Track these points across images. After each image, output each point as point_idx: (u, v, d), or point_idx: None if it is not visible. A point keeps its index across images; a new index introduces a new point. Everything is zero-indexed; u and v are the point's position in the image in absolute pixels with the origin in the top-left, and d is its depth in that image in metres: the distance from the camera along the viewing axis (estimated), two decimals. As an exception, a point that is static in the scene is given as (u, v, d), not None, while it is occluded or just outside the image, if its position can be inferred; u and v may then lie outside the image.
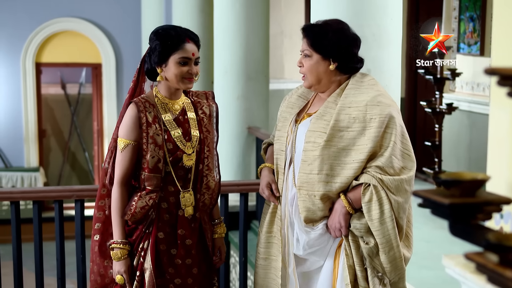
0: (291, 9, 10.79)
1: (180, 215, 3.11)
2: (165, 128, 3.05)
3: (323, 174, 2.90)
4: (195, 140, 3.12)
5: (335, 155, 2.89)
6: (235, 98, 7.17)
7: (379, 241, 2.88)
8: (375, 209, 2.86)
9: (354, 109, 2.90)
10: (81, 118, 13.27)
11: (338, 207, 2.94)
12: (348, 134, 2.89)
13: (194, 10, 9.06)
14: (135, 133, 3.01)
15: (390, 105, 2.92)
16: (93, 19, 12.06)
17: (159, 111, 3.05)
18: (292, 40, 10.78)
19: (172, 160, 3.05)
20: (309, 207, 2.95)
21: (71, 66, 12.73)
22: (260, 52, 7.25)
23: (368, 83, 2.99)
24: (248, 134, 7.23)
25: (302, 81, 3.08)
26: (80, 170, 13.28)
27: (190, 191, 3.12)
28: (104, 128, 12.31)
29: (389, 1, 3.95)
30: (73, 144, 13.24)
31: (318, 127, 2.95)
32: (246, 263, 4.31)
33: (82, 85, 13.23)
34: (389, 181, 2.85)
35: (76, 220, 4.01)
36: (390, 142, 2.87)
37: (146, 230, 3.07)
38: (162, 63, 3.03)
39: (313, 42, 2.97)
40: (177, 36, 3.02)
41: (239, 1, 7.13)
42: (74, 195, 4.00)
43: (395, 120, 2.90)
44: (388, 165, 2.86)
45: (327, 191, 2.91)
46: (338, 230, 2.94)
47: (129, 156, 3.03)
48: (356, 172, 2.88)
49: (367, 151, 2.85)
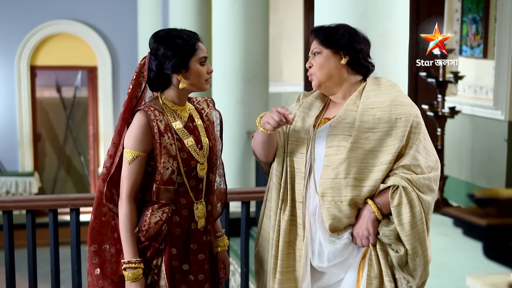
0: (290, 12, 10.72)
1: (193, 228, 2.95)
2: (177, 137, 2.88)
3: (350, 178, 2.76)
4: (206, 148, 2.97)
5: (362, 158, 2.77)
6: (234, 102, 7.07)
7: (409, 247, 2.75)
8: (405, 212, 2.73)
9: (378, 109, 2.80)
10: (77, 122, 13.16)
11: (365, 213, 2.79)
12: (374, 135, 2.78)
13: (192, 12, 8.98)
14: (145, 143, 2.83)
15: (412, 105, 2.85)
16: (88, 21, 11.98)
17: (169, 119, 2.89)
18: (291, 43, 10.72)
19: (186, 171, 2.89)
20: (335, 214, 2.79)
21: (67, 69, 12.63)
22: (260, 55, 7.16)
23: (385, 84, 2.91)
24: (247, 139, 7.14)
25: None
26: (76, 175, 13.16)
27: (202, 202, 2.97)
28: (100, 132, 12.23)
29: (396, 3, 3.86)
30: (68, 148, 13.11)
31: (340, 130, 2.83)
32: (248, 274, 4.18)
33: (78, 88, 13.10)
34: (419, 180, 2.74)
35: (72, 230, 3.87)
36: (416, 141, 2.79)
37: (160, 246, 2.90)
38: (182, 68, 2.86)
39: (324, 39, 2.89)
40: (190, 38, 2.88)
41: (237, 3, 7.03)
42: (69, 203, 3.87)
43: (420, 120, 2.84)
44: (414, 163, 2.76)
45: (356, 195, 2.77)
46: (365, 238, 2.79)
47: (138, 169, 2.85)
48: (384, 174, 2.76)
49: (395, 151, 2.75)
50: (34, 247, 3.89)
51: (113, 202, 2.92)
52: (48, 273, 3.98)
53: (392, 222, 2.76)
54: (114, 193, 2.92)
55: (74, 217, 3.87)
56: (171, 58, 2.84)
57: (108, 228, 3.02)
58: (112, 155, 2.94)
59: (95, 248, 2.99)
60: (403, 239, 2.75)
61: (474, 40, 7.67)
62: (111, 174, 2.89)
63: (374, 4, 3.79)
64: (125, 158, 2.85)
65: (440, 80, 7.46)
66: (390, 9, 3.81)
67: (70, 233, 3.89)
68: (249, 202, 4.09)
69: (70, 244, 3.91)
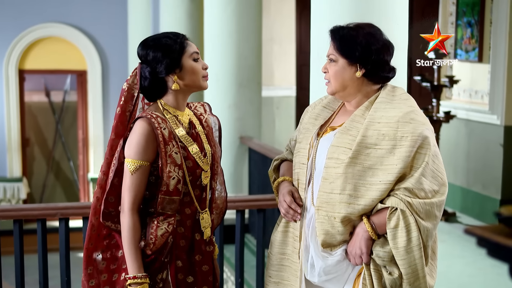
0: (281, 15, 10.65)
1: (197, 239, 2.85)
2: (182, 145, 2.77)
3: (345, 194, 2.64)
4: (209, 155, 2.87)
5: (360, 174, 2.63)
6: (227, 106, 7.00)
7: (404, 271, 2.62)
8: (401, 236, 2.60)
9: (384, 124, 2.65)
10: (66, 127, 13.10)
11: (359, 231, 2.67)
12: (375, 152, 2.63)
13: (183, 15, 8.92)
14: (149, 152, 2.71)
15: (424, 123, 2.67)
16: (78, 24, 11.89)
17: (172, 126, 2.78)
18: (282, 47, 10.65)
19: (191, 180, 2.79)
20: (327, 229, 2.68)
21: (56, 73, 12.55)
22: (252, 59, 7.10)
23: (400, 97, 2.74)
24: (240, 144, 7.06)
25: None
26: (65, 180, 13.09)
27: (207, 211, 2.87)
28: (90, 137, 12.15)
29: (395, 5, 3.81)
30: (57, 153, 13.06)
31: (343, 142, 2.69)
32: (243, 284, 4.07)
33: (67, 93, 13.08)
34: (419, 205, 2.60)
35: (61, 240, 3.75)
36: (423, 163, 2.62)
37: (165, 259, 2.78)
38: (175, 67, 2.76)
39: (340, 46, 2.73)
40: (177, 37, 2.80)
41: (230, 7, 6.95)
42: (58, 213, 3.75)
43: (429, 140, 2.65)
44: (418, 187, 2.61)
45: (349, 213, 2.65)
46: (358, 257, 2.67)
47: (141, 179, 2.73)
48: (382, 194, 2.62)
49: (397, 172, 2.60)
50: (22, 257, 3.77)
51: (110, 219, 2.80)
52: (36, 281, 3.87)
53: (387, 243, 2.64)
54: (111, 211, 2.79)
55: (63, 226, 3.75)
56: (162, 60, 2.75)
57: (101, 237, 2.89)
58: (106, 171, 2.81)
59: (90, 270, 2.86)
60: (398, 263, 2.63)
61: (469, 43, 7.60)
62: (107, 192, 2.76)
63: (373, 6, 3.74)
64: (126, 169, 2.72)
65: (435, 84, 7.40)
66: (389, 12, 3.78)
67: (59, 243, 3.77)
68: (244, 210, 3.97)
69: (59, 254, 3.79)
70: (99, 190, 2.82)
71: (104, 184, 2.80)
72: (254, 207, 4.02)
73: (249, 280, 5.20)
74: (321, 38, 3.87)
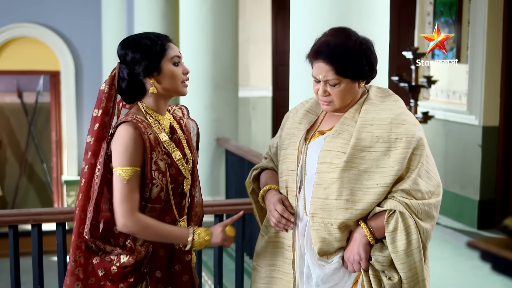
0: (257, 16, 10.60)
1: (176, 248, 2.75)
2: (165, 151, 2.67)
3: (342, 199, 2.56)
4: (190, 161, 2.77)
5: (356, 178, 2.56)
6: (203, 108, 6.92)
7: (404, 275, 2.56)
8: (401, 239, 2.53)
9: (377, 127, 2.59)
10: (39, 128, 13.00)
11: (357, 236, 2.60)
12: (370, 154, 2.57)
13: (158, 15, 8.86)
14: (139, 157, 2.59)
15: (415, 124, 2.64)
16: (51, 24, 11.75)
17: (155, 131, 2.67)
18: (258, 47, 10.62)
19: (173, 188, 2.69)
20: (324, 237, 2.60)
21: (28, 74, 12.45)
22: (229, 60, 7.03)
23: (389, 98, 2.70)
24: (216, 146, 6.99)
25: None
26: (38, 183, 12.99)
27: (185, 220, 2.77)
28: (63, 139, 12.04)
29: (377, 5, 3.77)
30: (30, 155, 12.95)
31: (335, 146, 2.61)
32: (222, 291, 3.98)
33: (40, 94, 13.00)
34: (418, 206, 2.55)
35: (33, 248, 3.64)
36: (418, 164, 2.58)
37: (144, 269, 2.69)
38: (154, 70, 2.66)
39: (341, 70, 2.60)
40: (158, 38, 2.69)
41: (206, 6, 6.88)
42: (30, 219, 3.63)
43: (423, 141, 2.62)
44: (415, 188, 2.56)
45: (347, 218, 2.57)
46: (357, 263, 2.60)
47: (136, 186, 2.59)
48: (380, 198, 2.56)
49: (394, 174, 2.55)
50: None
51: (107, 241, 2.66)
52: (9, 285, 3.76)
53: (386, 247, 2.57)
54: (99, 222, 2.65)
55: (36, 233, 3.63)
56: (141, 61, 2.64)
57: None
58: (89, 178, 2.66)
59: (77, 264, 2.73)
60: (398, 267, 2.57)
61: (447, 43, 7.56)
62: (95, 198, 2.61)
63: (353, 6, 3.68)
64: (119, 178, 2.58)
65: (413, 84, 7.36)
66: (370, 12, 3.74)
67: (32, 250, 3.65)
68: (222, 215, 3.88)
69: (32, 261, 3.67)
70: (83, 198, 2.67)
71: (87, 190, 2.67)
72: (233, 212, 3.93)
73: (228, 285, 5.11)
74: (300, 38, 3.80)
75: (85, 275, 2.69)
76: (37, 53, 11.87)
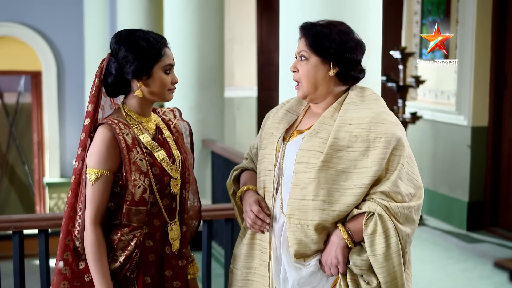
0: (241, 15, 10.55)
1: (167, 252, 2.68)
2: (147, 151, 2.61)
3: (319, 200, 2.49)
4: (178, 161, 2.70)
5: (334, 179, 2.50)
6: (188, 108, 6.86)
7: (382, 279, 2.49)
8: (379, 242, 2.47)
9: (356, 126, 2.53)
10: (20, 129, 12.90)
11: (335, 239, 2.53)
12: (348, 154, 2.50)
13: (141, 15, 8.81)
14: (110, 161, 2.54)
15: (396, 124, 2.56)
16: (32, 24, 11.66)
17: (135, 132, 2.61)
18: (243, 47, 10.57)
19: (159, 188, 2.62)
20: (300, 239, 2.53)
21: (9, 74, 12.34)
22: (214, 59, 6.98)
23: (370, 97, 2.62)
24: (202, 147, 6.92)
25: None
26: (20, 185, 12.89)
27: (176, 222, 2.70)
28: (45, 140, 11.96)
29: (369, 4, 3.70)
30: (11, 156, 12.84)
31: (312, 145, 2.55)
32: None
33: (21, 94, 12.87)
34: (397, 209, 2.48)
35: (14, 255, 3.51)
36: (398, 165, 2.51)
37: (131, 275, 2.60)
38: (144, 74, 2.60)
39: (313, 42, 2.58)
40: (156, 42, 2.62)
41: (191, 5, 6.82)
42: (11, 226, 3.50)
43: (403, 142, 2.54)
44: (394, 190, 2.49)
45: (323, 220, 2.50)
46: (334, 267, 2.53)
47: (103, 190, 2.55)
48: (358, 199, 2.49)
49: (372, 175, 2.47)
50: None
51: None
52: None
53: (365, 251, 2.51)
54: None
55: (17, 240, 3.50)
56: (133, 62, 2.57)
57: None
58: (79, 175, 2.64)
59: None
60: (376, 271, 2.50)
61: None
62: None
63: (346, 5, 3.64)
64: (88, 179, 2.55)
65: (401, 84, 7.30)
66: (363, 10, 3.70)
67: (13, 257, 3.52)
68: (211, 220, 3.76)
69: (13, 269, 3.54)
70: (72, 196, 2.64)
71: (76, 188, 2.64)
72: (222, 217, 3.82)
73: None
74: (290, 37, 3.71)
75: (73, 275, 2.64)
76: (18, 53, 11.79)
